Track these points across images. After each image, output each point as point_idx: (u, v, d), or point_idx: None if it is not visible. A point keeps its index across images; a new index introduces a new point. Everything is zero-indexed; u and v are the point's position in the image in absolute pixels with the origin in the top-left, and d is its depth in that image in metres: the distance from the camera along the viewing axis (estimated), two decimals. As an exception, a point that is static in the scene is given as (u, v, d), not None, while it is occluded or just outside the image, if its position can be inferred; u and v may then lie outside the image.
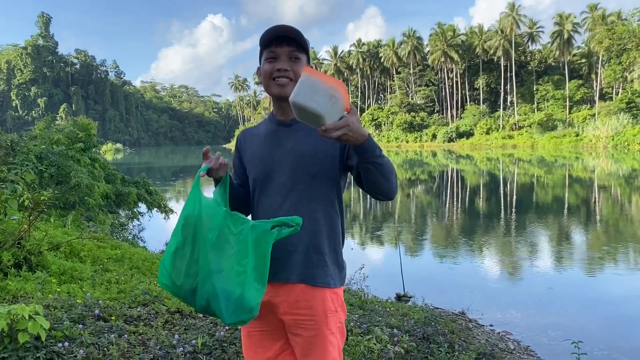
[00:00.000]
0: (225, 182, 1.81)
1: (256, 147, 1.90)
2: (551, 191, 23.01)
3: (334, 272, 1.82)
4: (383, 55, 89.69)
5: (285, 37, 1.75)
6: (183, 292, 1.72)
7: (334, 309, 1.79)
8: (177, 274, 1.71)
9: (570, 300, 7.76)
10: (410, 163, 45.96)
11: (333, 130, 1.48)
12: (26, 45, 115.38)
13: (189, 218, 1.72)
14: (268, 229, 1.63)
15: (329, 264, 1.80)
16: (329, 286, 1.78)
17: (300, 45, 1.77)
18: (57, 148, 10.55)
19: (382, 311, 5.54)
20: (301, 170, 1.79)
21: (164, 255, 1.77)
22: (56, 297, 4.10)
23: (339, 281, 1.84)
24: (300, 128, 1.83)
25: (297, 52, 1.77)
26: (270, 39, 1.76)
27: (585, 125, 61.40)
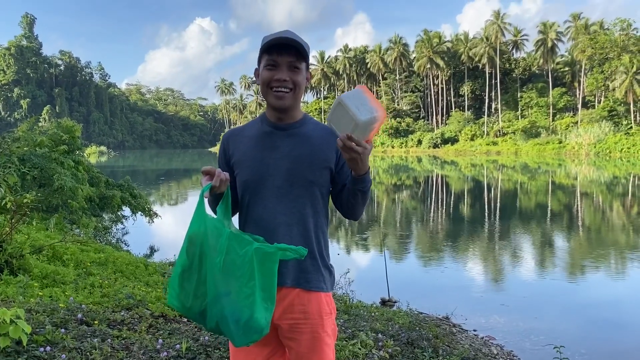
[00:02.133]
0: (227, 197, 1.78)
1: (246, 148, 1.86)
2: (534, 197, 23.25)
3: (326, 276, 1.85)
4: (369, 61, 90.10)
5: (286, 45, 1.74)
6: (192, 314, 1.71)
7: (328, 311, 1.82)
8: (186, 295, 1.70)
9: (553, 306, 7.84)
10: (396, 168, 46.15)
11: (354, 145, 1.54)
12: (9, 45, 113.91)
13: (194, 238, 1.70)
14: (272, 252, 1.63)
15: (321, 269, 1.83)
16: (322, 290, 1.81)
17: (301, 54, 1.76)
18: (40, 150, 10.42)
19: (367, 316, 5.56)
20: (298, 175, 1.79)
21: (172, 277, 1.74)
22: (38, 301, 4.06)
23: (330, 285, 1.87)
24: (297, 133, 1.83)
25: (297, 62, 1.76)
26: (272, 45, 1.75)
27: (568, 133, 62.25)
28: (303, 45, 1.75)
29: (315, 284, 1.79)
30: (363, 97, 1.58)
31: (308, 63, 1.82)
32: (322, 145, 1.76)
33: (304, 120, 1.87)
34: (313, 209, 1.81)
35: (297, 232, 1.78)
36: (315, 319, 1.78)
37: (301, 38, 1.77)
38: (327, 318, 1.80)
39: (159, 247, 12.15)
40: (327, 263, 1.87)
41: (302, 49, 1.75)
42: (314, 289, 1.79)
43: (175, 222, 17.87)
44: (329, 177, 1.83)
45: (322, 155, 1.79)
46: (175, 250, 10.23)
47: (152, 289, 5.48)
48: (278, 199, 1.79)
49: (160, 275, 6.62)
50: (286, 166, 1.79)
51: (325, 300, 1.81)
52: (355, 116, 1.52)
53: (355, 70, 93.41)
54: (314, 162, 1.79)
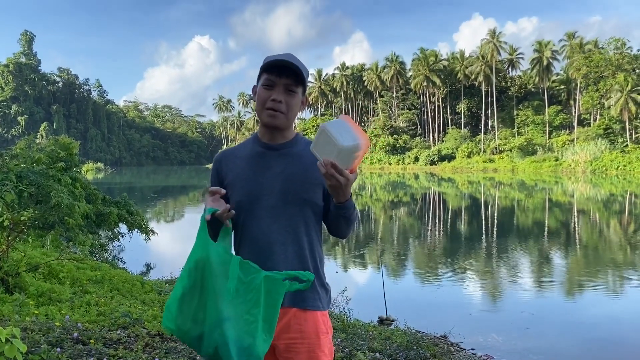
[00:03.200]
0: (229, 227, 1.79)
1: (240, 169, 1.88)
2: (532, 215, 23.27)
3: (322, 294, 1.85)
4: (366, 79, 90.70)
5: (286, 67, 1.77)
6: (188, 338, 1.69)
7: (325, 330, 1.82)
8: (184, 319, 1.69)
9: (551, 324, 7.81)
10: (393, 185, 46.20)
11: (335, 172, 1.57)
12: (8, 62, 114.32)
13: (198, 263, 1.69)
14: (281, 281, 1.64)
15: (317, 287, 1.83)
16: (319, 309, 1.81)
17: (299, 79, 1.79)
18: (37, 167, 10.43)
19: (365, 335, 5.52)
20: (291, 194, 1.80)
21: (170, 299, 1.73)
22: (34, 319, 4.03)
23: (326, 304, 1.87)
24: (289, 153, 1.85)
25: (294, 85, 1.79)
26: (272, 66, 1.78)
27: (564, 150, 62.55)
28: (302, 70, 1.78)
29: (311, 303, 1.79)
30: (346, 125, 1.60)
31: (305, 88, 1.85)
32: (314, 164, 1.76)
33: (295, 140, 1.89)
34: (307, 227, 1.83)
35: (292, 251, 1.79)
36: (311, 339, 1.77)
37: (302, 63, 1.80)
38: (323, 337, 1.80)
39: (155, 265, 12.09)
40: (323, 281, 1.87)
41: (300, 74, 1.78)
42: (310, 308, 1.79)
43: (171, 239, 17.81)
44: (321, 195, 1.85)
45: (315, 174, 1.79)
46: (172, 267, 10.18)
47: (149, 307, 5.44)
48: (272, 219, 1.80)
49: (156, 293, 6.59)
50: (279, 186, 1.81)
51: (321, 319, 1.81)
52: (337, 142, 1.54)
53: (352, 87, 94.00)
54: (307, 181, 1.81)
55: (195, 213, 27.24)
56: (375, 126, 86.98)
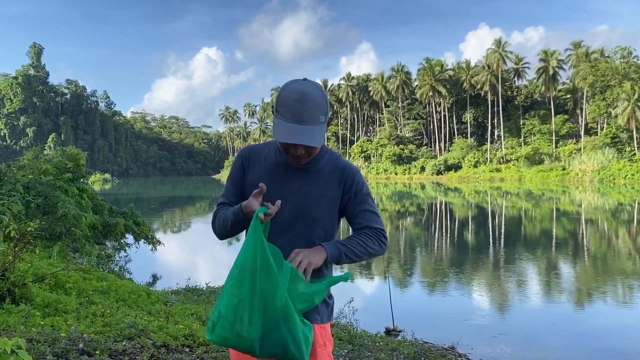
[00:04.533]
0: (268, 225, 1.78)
1: (261, 174, 1.84)
2: (539, 225, 23.14)
3: (322, 309, 1.83)
4: (372, 89, 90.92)
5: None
6: (247, 342, 1.68)
7: (322, 343, 1.81)
8: (242, 325, 1.68)
9: (559, 335, 7.73)
10: (399, 195, 46.12)
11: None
12: (17, 75, 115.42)
13: (253, 264, 1.68)
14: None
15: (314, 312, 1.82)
16: (316, 322, 1.80)
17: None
18: (45, 178, 10.48)
19: (372, 346, 5.48)
20: (304, 211, 1.79)
21: (224, 309, 1.70)
22: (40, 330, 4.02)
23: (326, 317, 1.86)
24: (310, 169, 1.82)
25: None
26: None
27: (571, 159, 62.32)
28: (315, 135, 1.70)
29: (308, 317, 1.77)
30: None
31: (327, 121, 1.75)
32: (330, 182, 1.78)
33: (319, 155, 1.84)
34: (313, 244, 1.80)
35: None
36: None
37: (318, 98, 1.70)
38: (320, 350, 1.79)
39: (162, 275, 12.10)
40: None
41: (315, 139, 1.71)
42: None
43: (178, 249, 17.83)
44: (336, 214, 1.85)
45: (330, 193, 1.81)
46: (178, 278, 10.18)
47: (155, 317, 5.43)
48: (279, 233, 1.79)
49: (162, 303, 6.57)
50: (295, 201, 1.79)
51: (318, 332, 1.80)
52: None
53: (358, 97, 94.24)
54: (321, 199, 1.80)
55: (202, 224, 27.26)
56: (381, 136, 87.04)
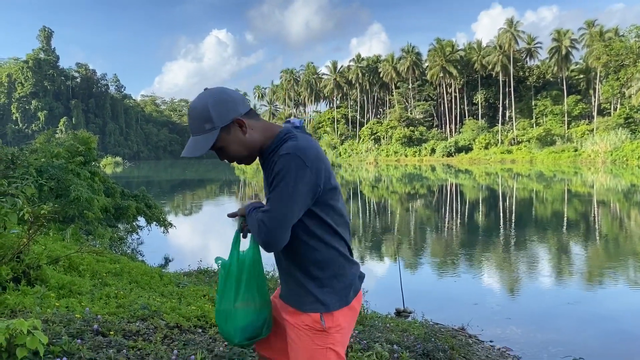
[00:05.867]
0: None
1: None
2: (550, 206, 23.01)
3: (326, 296, 1.82)
4: (382, 70, 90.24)
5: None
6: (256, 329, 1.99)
7: (320, 328, 1.82)
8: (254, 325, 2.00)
9: (571, 317, 7.73)
10: (410, 177, 46.00)
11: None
12: (27, 59, 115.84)
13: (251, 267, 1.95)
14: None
15: (314, 292, 1.82)
16: (318, 311, 1.82)
17: (204, 145, 1.81)
18: (57, 161, 10.56)
19: (382, 327, 5.52)
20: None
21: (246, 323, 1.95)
22: (55, 311, 4.08)
23: (333, 304, 1.83)
24: (267, 164, 1.84)
25: (211, 150, 1.84)
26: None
27: (583, 141, 61.68)
28: (197, 147, 1.82)
29: (309, 306, 1.85)
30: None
31: (216, 127, 1.77)
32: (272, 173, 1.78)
33: (275, 148, 1.81)
34: (294, 237, 1.80)
35: (285, 263, 1.92)
36: (306, 333, 1.86)
37: (196, 116, 1.80)
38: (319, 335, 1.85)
39: (174, 257, 12.21)
40: (327, 283, 1.83)
41: (200, 149, 1.83)
42: (308, 310, 1.85)
43: (189, 232, 17.96)
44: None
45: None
46: (190, 260, 10.28)
47: (167, 299, 5.49)
48: None
49: (175, 285, 6.64)
50: (267, 196, 1.84)
51: (325, 318, 1.83)
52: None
53: (367, 79, 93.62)
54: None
55: (213, 206, 27.41)
56: (391, 118, 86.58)
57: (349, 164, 76.65)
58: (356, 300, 1.92)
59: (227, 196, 34.67)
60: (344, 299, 1.85)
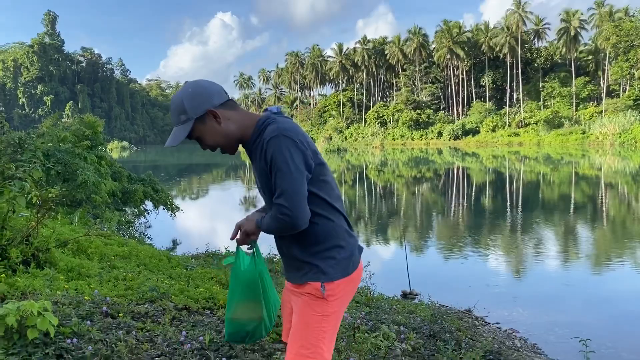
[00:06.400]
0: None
1: None
2: (557, 189, 22.93)
3: (327, 266, 1.89)
4: (388, 53, 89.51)
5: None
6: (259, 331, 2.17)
7: (320, 296, 1.88)
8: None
9: (577, 299, 7.74)
10: (416, 161, 45.89)
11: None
12: (32, 43, 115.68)
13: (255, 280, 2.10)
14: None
15: (315, 263, 1.89)
16: (319, 280, 1.88)
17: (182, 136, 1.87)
18: (63, 146, 10.59)
19: (389, 309, 5.54)
20: (262, 189, 1.95)
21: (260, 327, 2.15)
22: (64, 293, 4.12)
23: (334, 274, 1.89)
24: (251, 150, 1.93)
25: (192, 135, 1.90)
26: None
27: (591, 123, 61.18)
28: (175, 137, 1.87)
29: (310, 277, 1.90)
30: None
31: (191, 118, 1.85)
32: (260, 159, 1.85)
33: (255, 134, 1.89)
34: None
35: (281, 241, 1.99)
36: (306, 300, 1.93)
37: (176, 108, 1.85)
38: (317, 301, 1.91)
39: (181, 241, 12.28)
40: (322, 255, 1.90)
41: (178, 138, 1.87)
42: (308, 280, 1.91)
43: (196, 215, 18.03)
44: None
45: (264, 170, 1.86)
46: (197, 243, 10.34)
47: (175, 281, 5.53)
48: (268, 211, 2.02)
49: (182, 268, 6.69)
50: (258, 181, 1.94)
51: (327, 287, 1.89)
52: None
53: (374, 61, 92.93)
54: (262, 176, 1.89)
55: (220, 190, 27.50)
56: (398, 101, 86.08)
57: (355, 148, 76.49)
58: (356, 273, 1.98)
59: (233, 180, 34.74)
60: (345, 270, 1.91)
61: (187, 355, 3.21)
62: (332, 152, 64.38)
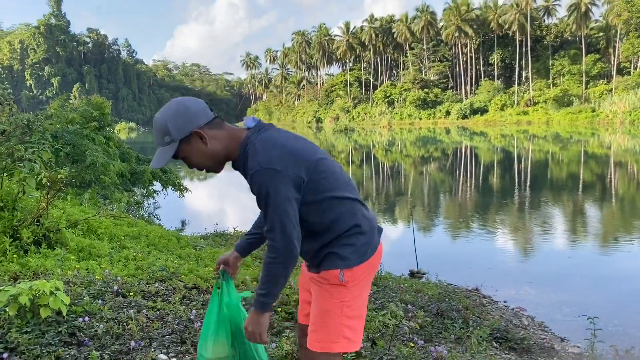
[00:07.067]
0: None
1: None
2: (566, 168, 22.79)
3: (345, 252, 1.85)
4: (396, 31, 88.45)
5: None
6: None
7: (338, 283, 1.85)
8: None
9: (585, 277, 7.74)
10: (424, 140, 45.69)
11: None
12: (39, 24, 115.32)
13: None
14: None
15: (334, 251, 1.85)
16: (338, 267, 1.85)
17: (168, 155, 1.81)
18: (72, 127, 10.63)
19: (396, 287, 5.58)
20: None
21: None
22: (75, 273, 4.17)
23: (352, 260, 1.86)
24: (241, 173, 1.92)
25: (178, 155, 1.84)
26: None
27: (602, 101, 60.40)
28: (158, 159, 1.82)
29: (327, 265, 1.87)
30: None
31: (175, 139, 1.78)
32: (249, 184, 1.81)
33: (240, 161, 1.86)
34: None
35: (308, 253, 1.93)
36: (325, 285, 1.89)
37: (159, 127, 1.78)
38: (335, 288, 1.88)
39: (190, 221, 12.36)
40: (335, 245, 1.86)
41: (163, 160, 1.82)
42: (325, 268, 1.87)
43: (205, 196, 18.11)
44: None
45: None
46: (206, 223, 10.41)
47: (185, 261, 5.59)
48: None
49: (192, 247, 6.74)
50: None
51: (345, 274, 1.86)
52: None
53: (381, 40, 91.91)
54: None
55: (228, 172, 27.50)
56: (405, 80, 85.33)
57: (362, 127, 76.18)
58: (375, 257, 1.94)
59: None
60: (363, 255, 1.88)
61: (198, 333, 3.25)
62: (339, 132, 64.20)
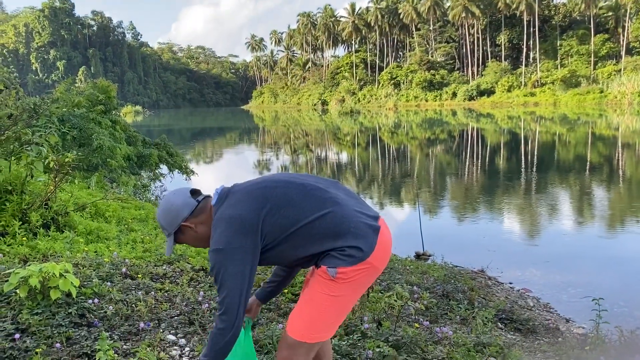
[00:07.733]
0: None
1: None
2: (573, 150, 22.66)
3: (340, 256, 1.86)
4: (402, 12, 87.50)
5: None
6: None
7: (329, 278, 1.87)
8: None
9: (590, 259, 7.75)
10: (430, 122, 45.47)
11: None
12: (43, 7, 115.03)
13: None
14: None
15: (326, 255, 1.88)
16: (334, 265, 1.86)
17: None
18: (78, 111, 10.64)
19: (402, 269, 5.60)
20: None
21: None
22: (84, 255, 4.22)
23: (344, 263, 1.86)
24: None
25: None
26: None
27: (610, 82, 59.77)
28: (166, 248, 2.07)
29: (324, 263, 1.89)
30: None
31: (174, 231, 1.97)
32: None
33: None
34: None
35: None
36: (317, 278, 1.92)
37: (159, 224, 2.00)
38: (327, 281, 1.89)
39: (196, 204, 12.38)
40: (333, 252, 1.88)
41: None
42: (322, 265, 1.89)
43: (211, 179, 18.16)
44: None
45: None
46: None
47: (192, 244, 5.62)
48: None
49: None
50: None
51: (339, 272, 1.87)
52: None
53: (387, 21, 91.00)
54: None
55: (234, 154, 27.58)
56: (412, 61, 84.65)
57: (368, 110, 75.85)
58: (374, 257, 1.90)
59: (246, 144, 34.78)
60: (361, 258, 1.87)
61: (205, 314, 3.29)
62: (345, 114, 63.95)
